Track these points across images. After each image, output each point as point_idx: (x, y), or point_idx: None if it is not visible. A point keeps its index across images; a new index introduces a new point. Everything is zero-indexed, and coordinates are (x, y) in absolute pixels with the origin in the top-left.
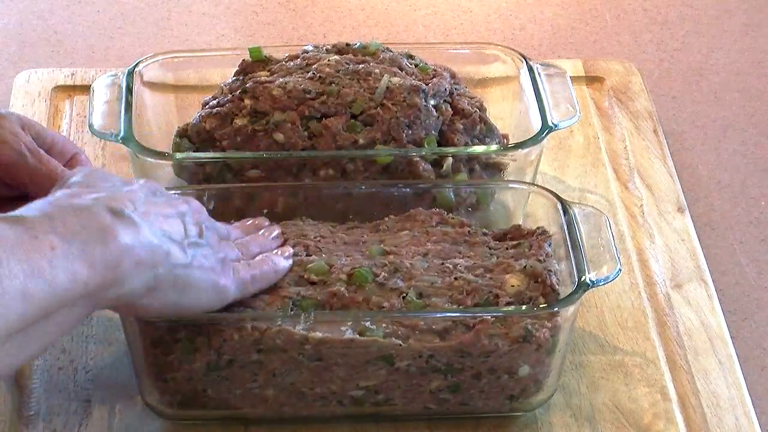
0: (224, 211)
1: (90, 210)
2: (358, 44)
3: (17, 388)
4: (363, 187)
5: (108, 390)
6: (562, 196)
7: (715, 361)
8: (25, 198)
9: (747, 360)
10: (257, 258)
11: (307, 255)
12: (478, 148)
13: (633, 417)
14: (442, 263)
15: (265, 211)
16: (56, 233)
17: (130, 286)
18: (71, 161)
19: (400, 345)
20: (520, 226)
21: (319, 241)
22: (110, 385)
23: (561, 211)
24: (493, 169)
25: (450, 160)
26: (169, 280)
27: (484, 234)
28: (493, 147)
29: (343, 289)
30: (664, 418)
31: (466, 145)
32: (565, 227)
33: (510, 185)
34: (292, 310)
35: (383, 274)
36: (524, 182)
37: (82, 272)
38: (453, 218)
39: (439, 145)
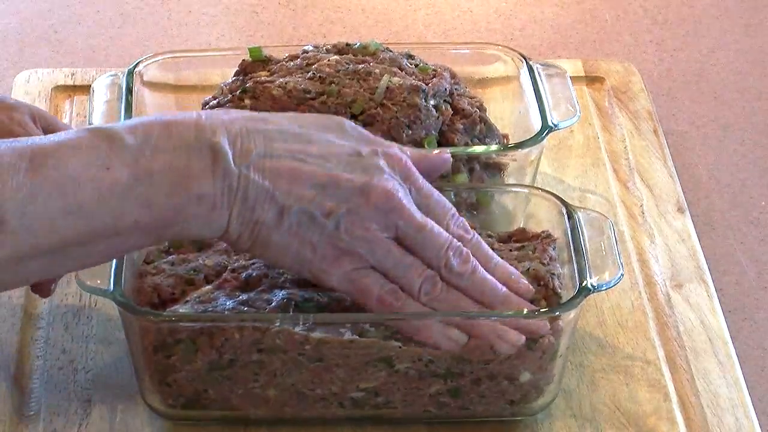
0: None
1: (190, 149)
2: (358, 44)
3: (17, 388)
4: None
5: (108, 390)
6: (562, 196)
7: (715, 361)
8: None
9: (747, 360)
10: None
11: None
12: (478, 148)
13: (633, 417)
14: None
15: None
16: (134, 167)
17: (199, 230)
18: None
19: (399, 347)
20: (524, 229)
21: None
22: (110, 385)
23: (565, 216)
24: (494, 169)
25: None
26: (244, 230)
27: (489, 236)
28: (493, 147)
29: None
30: (664, 418)
31: (466, 145)
32: (569, 231)
33: (514, 189)
34: (292, 311)
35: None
36: (529, 186)
37: (132, 212)
38: None
39: (439, 145)
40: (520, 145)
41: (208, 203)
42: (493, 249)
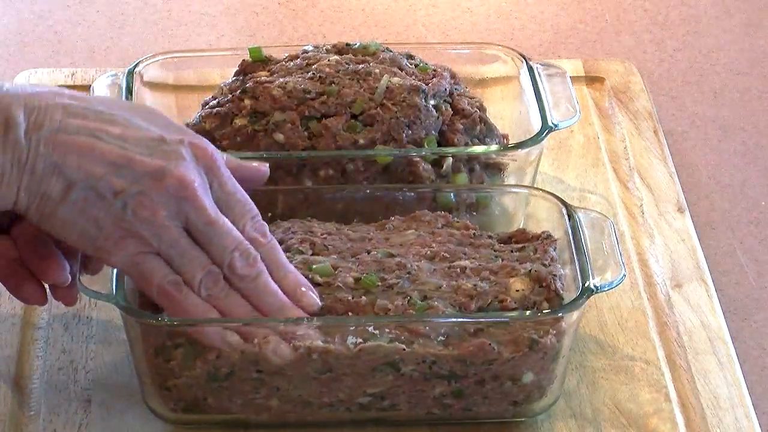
0: None
1: None
2: (358, 44)
3: (17, 388)
4: (367, 191)
5: (108, 390)
6: (562, 196)
7: (715, 361)
8: None
9: (747, 360)
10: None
11: (313, 254)
12: (478, 148)
13: (633, 417)
14: (449, 267)
15: (269, 214)
16: None
17: None
18: None
19: (404, 349)
20: (525, 229)
21: (325, 237)
22: (110, 385)
23: (566, 216)
24: (493, 169)
25: (450, 160)
26: (32, 201)
27: (489, 237)
28: (493, 147)
29: (349, 297)
30: (664, 418)
31: (466, 145)
32: (570, 232)
33: (514, 189)
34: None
35: (389, 278)
36: (529, 186)
37: None
38: (458, 221)
39: (439, 145)
40: (520, 145)
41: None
42: (494, 250)
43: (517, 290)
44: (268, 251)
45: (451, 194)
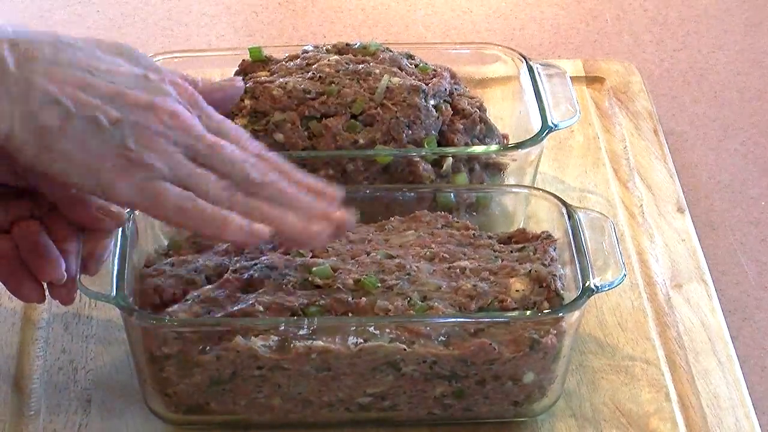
0: None
1: None
2: (358, 44)
3: (17, 388)
4: (367, 191)
5: (108, 390)
6: (562, 196)
7: (715, 361)
8: (34, 191)
9: (747, 360)
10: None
11: (312, 256)
12: (478, 148)
13: (633, 417)
14: (449, 267)
15: None
16: None
17: None
18: None
19: (405, 350)
20: (524, 229)
21: None
22: (110, 385)
23: (566, 216)
24: (494, 169)
25: (450, 160)
26: (28, 137)
27: (489, 237)
28: (493, 147)
29: (349, 298)
30: (664, 419)
31: (466, 145)
32: (570, 232)
33: (514, 189)
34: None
35: (389, 279)
36: (529, 186)
37: None
38: (457, 222)
39: (439, 145)
40: (520, 145)
41: None
42: (493, 250)
43: (517, 290)
44: (274, 163)
45: (451, 194)
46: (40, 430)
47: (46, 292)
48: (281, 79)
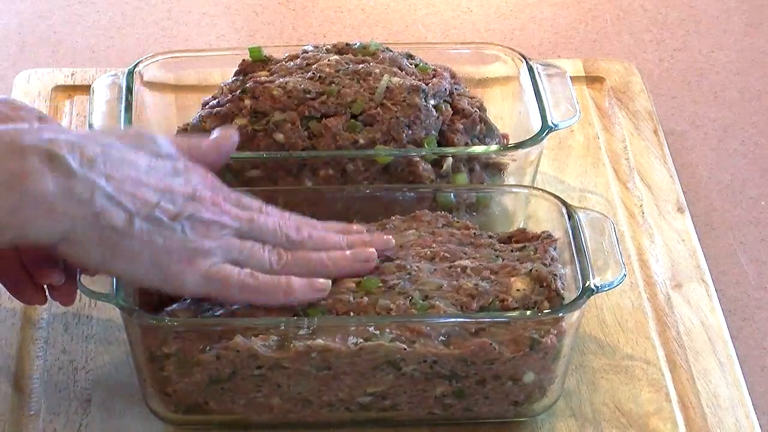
0: None
1: (23, 150)
2: (358, 44)
3: (17, 387)
4: (367, 191)
5: (108, 390)
6: (562, 196)
7: (715, 361)
8: None
9: (747, 360)
10: (270, 275)
11: None
12: (478, 148)
13: (633, 417)
14: (449, 267)
15: None
16: None
17: (36, 233)
18: None
19: (405, 349)
20: (525, 229)
21: None
22: (110, 385)
23: (566, 216)
24: (494, 169)
25: (450, 160)
26: (92, 238)
27: (490, 237)
28: (493, 147)
29: (350, 298)
30: (664, 418)
31: (466, 145)
32: (570, 232)
33: (514, 189)
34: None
35: (390, 280)
36: (529, 186)
37: None
38: (458, 221)
39: (439, 145)
40: (520, 145)
41: (44, 204)
42: (494, 250)
43: (518, 290)
44: (296, 220)
45: (451, 194)
46: (40, 430)
47: (47, 294)
48: (281, 79)
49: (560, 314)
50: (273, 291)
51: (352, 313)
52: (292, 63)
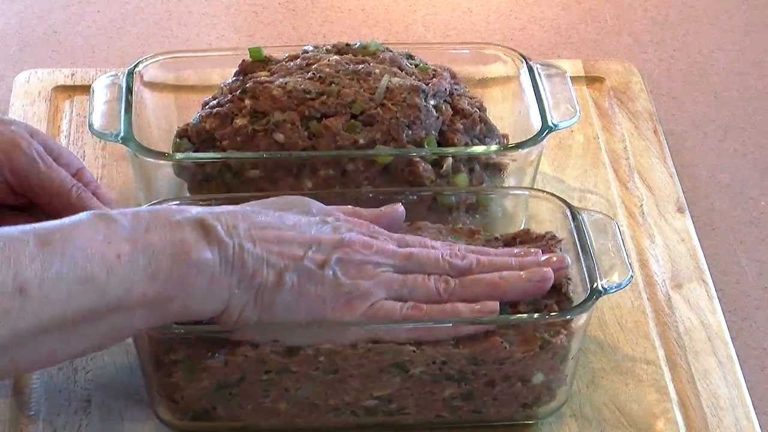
0: None
1: (179, 224)
2: (358, 44)
3: (17, 388)
4: (370, 195)
5: (108, 390)
6: (562, 196)
7: (715, 361)
8: (30, 208)
9: (747, 360)
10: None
11: None
12: (478, 148)
13: (633, 417)
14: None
15: None
16: (131, 240)
17: (202, 305)
18: (77, 175)
19: (414, 351)
20: (529, 230)
21: None
22: (110, 385)
23: (570, 218)
24: (494, 169)
25: (450, 160)
26: (248, 300)
27: (495, 239)
28: (493, 147)
29: None
30: (664, 419)
31: (466, 145)
32: (575, 233)
33: (517, 191)
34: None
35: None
36: (532, 188)
37: (140, 283)
38: (461, 227)
39: (439, 145)
40: (520, 145)
41: (208, 273)
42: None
43: None
44: (464, 248)
45: (452, 196)
46: (40, 430)
47: None
48: (281, 79)
49: (569, 316)
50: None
51: None
52: (292, 63)
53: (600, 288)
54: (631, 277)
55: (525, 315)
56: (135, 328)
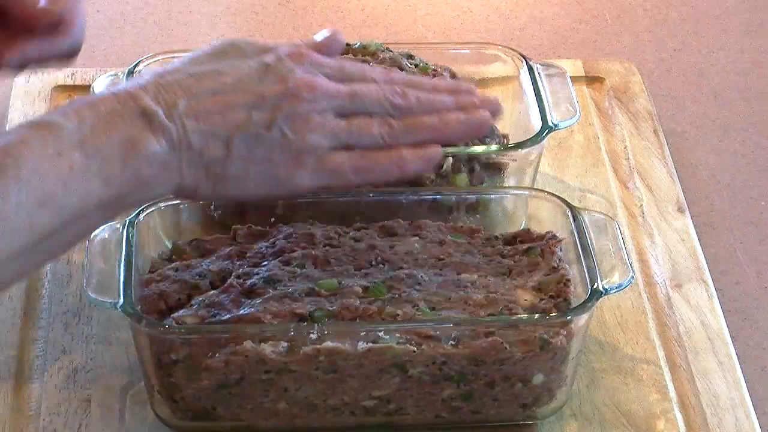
0: (225, 212)
1: (122, 116)
2: (358, 44)
3: (17, 388)
4: (371, 195)
5: (108, 390)
6: (562, 196)
7: (715, 361)
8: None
9: (747, 360)
10: (379, 150)
11: (314, 265)
12: (478, 148)
13: (633, 417)
14: (457, 279)
15: (272, 219)
16: (80, 147)
17: (155, 191)
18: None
19: (414, 351)
20: (529, 229)
21: (327, 249)
22: (110, 385)
23: (571, 218)
24: (493, 169)
25: (450, 160)
26: (200, 176)
27: (496, 237)
28: (493, 147)
29: (357, 303)
30: (664, 418)
31: (466, 145)
32: (576, 233)
33: (517, 192)
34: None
35: (396, 287)
36: (532, 188)
37: (96, 191)
38: (462, 226)
39: None
40: (520, 145)
41: (158, 162)
42: (501, 256)
43: (526, 299)
44: (407, 80)
45: (452, 196)
46: (40, 430)
47: (47, 296)
48: None
49: (569, 317)
50: (387, 168)
51: (358, 320)
52: None
53: (600, 288)
54: (632, 277)
55: (525, 315)
56: (95, 229)
